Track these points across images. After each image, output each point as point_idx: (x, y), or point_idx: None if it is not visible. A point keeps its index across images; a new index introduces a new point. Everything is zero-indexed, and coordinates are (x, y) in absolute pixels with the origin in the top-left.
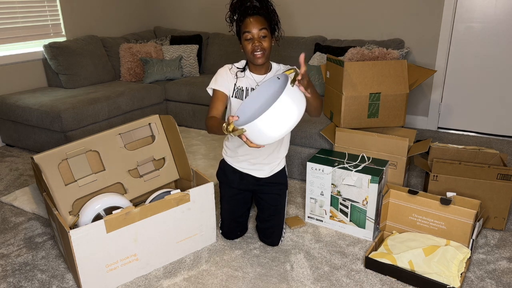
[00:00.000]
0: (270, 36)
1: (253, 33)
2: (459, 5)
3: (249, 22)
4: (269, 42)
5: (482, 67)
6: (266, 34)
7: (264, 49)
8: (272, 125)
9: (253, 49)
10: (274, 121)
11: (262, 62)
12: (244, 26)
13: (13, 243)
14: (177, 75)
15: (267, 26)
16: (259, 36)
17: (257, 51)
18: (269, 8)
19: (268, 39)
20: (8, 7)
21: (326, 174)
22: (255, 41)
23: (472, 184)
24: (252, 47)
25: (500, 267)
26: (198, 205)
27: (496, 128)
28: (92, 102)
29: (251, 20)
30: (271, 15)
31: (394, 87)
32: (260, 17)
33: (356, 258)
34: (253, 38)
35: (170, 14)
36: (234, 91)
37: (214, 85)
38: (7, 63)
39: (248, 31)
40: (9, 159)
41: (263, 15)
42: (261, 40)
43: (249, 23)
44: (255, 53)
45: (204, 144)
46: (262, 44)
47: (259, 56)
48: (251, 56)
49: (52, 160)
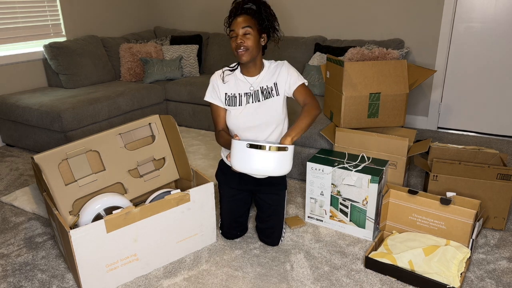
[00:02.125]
0: (256, 35)
1: (237, 31)
2: (459, 5)
3: (235, 21)
4: (254, 41)
5: (482, 67)
6: (250, 32)
7: (247, 47)
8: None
9: (236, 46)
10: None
11: (246, 59)
12: (231, 26)
13: (13, 243)
14: (177, 75)
15: (253, 25)
16: (242, 34)
17: (240, 48)
18: (263, 11)
19: (253, 38)
20: (9, 7)
21: (326, 174)
22: (238, 39)
23: (472, 184)
24: (235, 44)
25: (500, 267)
26: (198, 205)
27: (496, 128)
28: (92, 102)
29: (237, 20)
30: (262, 15)
31: (394, 87)
32: (247, 16)
33: (356, 258)
34: (237, 36)
35: (170, 14)
36: (226, 99)
37: (210, 98)
38: (7, 63)
39: (232, 30)
40: (9, 159)
41: (251, 14)
42: (244, 37)
43: (234, 22)
44: (238, 51)
45: (204, 144)
46: (244, 41)
47: (242, 53)
48: (235, 53)
49: (52, 160)
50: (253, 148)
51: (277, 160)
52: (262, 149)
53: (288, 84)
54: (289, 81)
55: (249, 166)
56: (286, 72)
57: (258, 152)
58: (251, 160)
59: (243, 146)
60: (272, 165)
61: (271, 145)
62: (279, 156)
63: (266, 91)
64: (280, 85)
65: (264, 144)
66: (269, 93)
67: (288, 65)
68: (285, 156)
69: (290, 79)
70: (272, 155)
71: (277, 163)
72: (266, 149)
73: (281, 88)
